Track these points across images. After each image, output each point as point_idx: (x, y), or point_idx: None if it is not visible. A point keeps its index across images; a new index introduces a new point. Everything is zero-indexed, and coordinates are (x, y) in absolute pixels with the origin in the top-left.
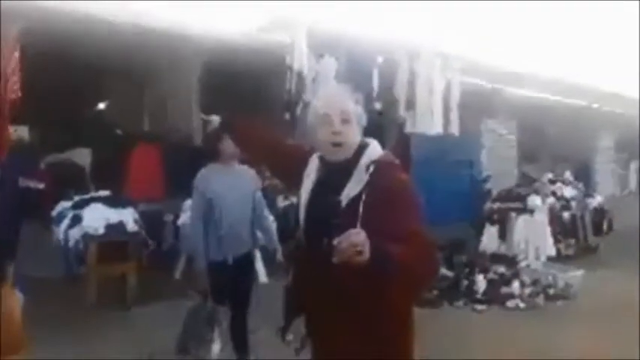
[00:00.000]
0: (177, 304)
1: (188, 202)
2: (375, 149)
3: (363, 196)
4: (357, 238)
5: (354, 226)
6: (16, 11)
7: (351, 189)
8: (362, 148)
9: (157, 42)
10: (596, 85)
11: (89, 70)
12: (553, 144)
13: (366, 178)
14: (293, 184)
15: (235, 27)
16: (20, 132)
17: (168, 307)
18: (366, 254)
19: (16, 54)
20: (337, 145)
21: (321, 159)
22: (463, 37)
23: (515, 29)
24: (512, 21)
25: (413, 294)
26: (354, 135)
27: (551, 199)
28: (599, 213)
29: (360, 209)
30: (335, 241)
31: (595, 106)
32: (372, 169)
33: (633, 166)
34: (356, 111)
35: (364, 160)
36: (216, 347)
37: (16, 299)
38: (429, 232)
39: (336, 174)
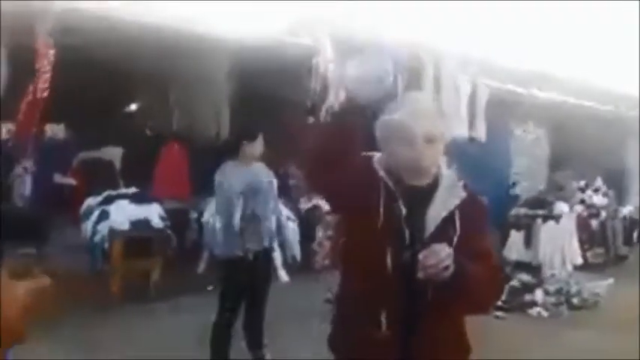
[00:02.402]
0: (199, 300)
1: (213, 200)
2: (447, 170)
3: (457, 212)
4: (444, 253)
5: (450, 243)
6: (50, 11)
7: (446, 203)
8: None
9: (186, 44)
10: (630, 91)
11: (121, 71)
12: (584, 151)
13: (462, 193)
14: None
15: (263, 29)
16: (56, 130)
17: (191, 302)
18: (451, 270)
19: (51, 52)
20: (420, 169)
21: (397, 182)
22: (492, 40)
23: (547, 32)
24: (544, 23)
25: (474, 314)
26: (439, 157)
27: (579, 207)
28: (630, 222)
29: (458, 225)
30: (420, 256)
31: (629, 113)
32: (462, 184)
33: None
34: (441, 129)
35: (447, 177)
36: None
37: (16, 288)
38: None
39: (418, 197)
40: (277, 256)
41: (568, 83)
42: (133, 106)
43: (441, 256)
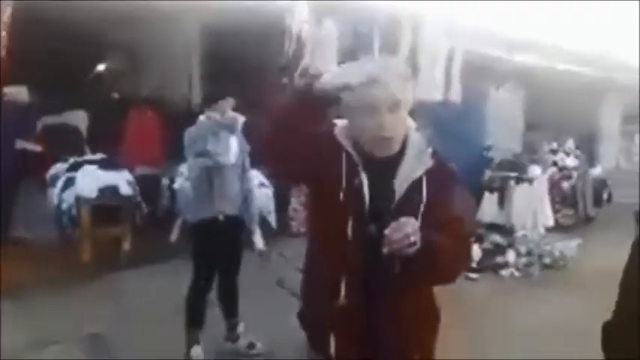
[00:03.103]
0: (172, 268)
1: (183, 166)
2: (418, 136)
3: (424, 180)
4: (410, 228)
5: (416, 213)
6: None
7: (411, 172)
8: (407, 135)
9: (155, 4)
10: (605, 54)
11: (88, 32)
12: (558, 112)
13: (429, 160)
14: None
15: None
16: (18, 93)
17: (163, 270)
18: (418, 244)
19: (8, 10)
20: (386, 139)
21: (358, 150)
22: (469, 3)
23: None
24: None
25: (440, 284)
26: (404, 123)
27: (551, 169)
28: (600, 184)
29: (424, 194)
30: (387, 231)
31: (603, 75)
32: (430, 151)
33: (637, 138)
34: (406, 95)
35: (414, 143)
36: None
37: None
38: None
39: (383, 166)
40: (251, 222)
41: (542, 46)
42: (100, 67)
43: (407, 230)
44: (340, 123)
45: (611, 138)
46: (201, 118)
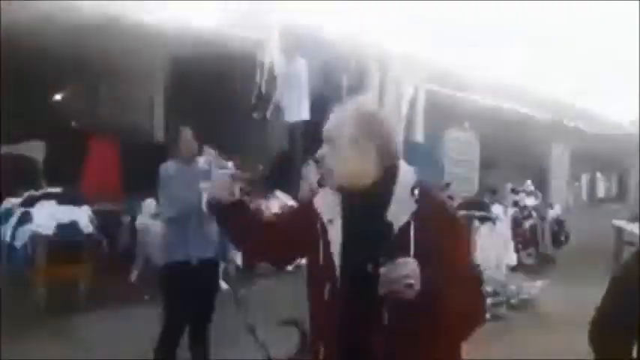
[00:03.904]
0: (131, 311)
1: (147, 202)
2: (407, 169)
3: (412, 224)
4: (408, 268)
5: (405, 256)
6: None
7: (399, 216)
8: (391, 172)
9: (119, 31)
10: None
11: (47, 60)
12: (513, 154)
13: (414, 204)
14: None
15: (204, 21)
16: None
17: (123, 313)
18: (416, 287)
19: None
20: (349, 173)
21: (341, 191)
22: (433, 44)
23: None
24: (483, 29)
25: (459, 338)
26: (369, 160)
27: (513, 209)
28: (557, 223)
29: (412, 238)
30: (382, 270)
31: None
32: (417, 193)
33: (584, 177)
34: (371, 129)
35: (403, 182)
36: None
37: None
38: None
39: (365, 205)
40: (227, 265)
41: (501, 89)
42: (58, 97)
43: (403, 271)
44: (320, 192)
45: (560, 179)
46: (171, 163)
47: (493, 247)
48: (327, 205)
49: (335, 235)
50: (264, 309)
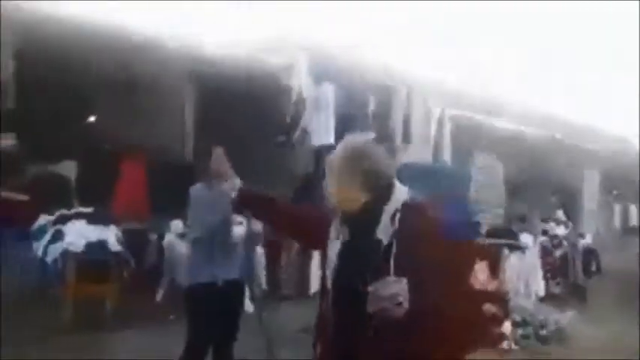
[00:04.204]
0: (156, 331)
1: (174, 222)
2: (399, 195)
3: (394, 246)
4: (395, 287)
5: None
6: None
7: (380, 237)
8: (386, 193)
9: (152, 56)
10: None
11: (81, 81)
12: (544, 182)
13: (391, 226)
14: (318, 248)
15: (235, 45)
16: (6, 140)
17: (148, 331)
18: (404, 306)
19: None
20: (340, 200)
21: (339, 213)
22: (461, 69)
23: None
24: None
25: (461, 352)
26: (339, 188)
27: (542, 238)
28: (589, 253)
29: (392, 260)
30: (370, 288)
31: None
32: (398, 216)
33: (618, 206)
34: (355, 163)
35: (390, 207)
36: None
37: None
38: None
39: (358, 224)
40: (252, 288)
41: (530, 114)
42: (92, 119)
43: (391, 290)
44: None
45: (591, 207)
46: (200, 185)
47: (522, 276)
48: (334, 226)
49: (332, 252)
50: (286, 330)
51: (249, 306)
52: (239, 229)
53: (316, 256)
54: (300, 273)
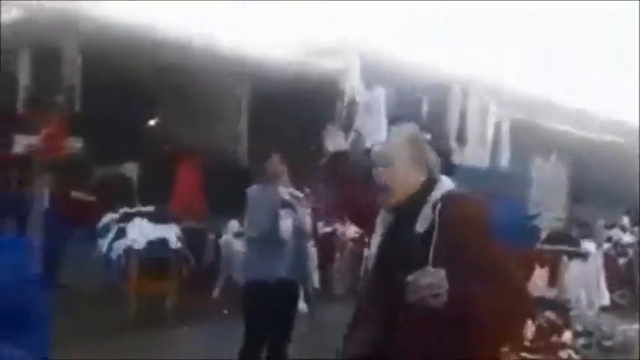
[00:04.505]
0: (215, 325)
1: (231, 222)
2: (444, 186)
3: (434, 235)
4: (434, 277)
5: (425, 261)
6: (77, 27)
7: (420, 226)
8: (430, 184)
9: (210, 62)
10: None
11: (142, 86)
12: (607, 187)
13: (432, 215)
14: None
15: (289, 50)
16: (74, 143)
17: (206, 327)
18: (443, 297)
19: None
20: (382, 188)
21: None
22: (517, 70)
23: (573, 65)
24: (574, 57)
25: (496, 345)
26: (402, 178)
27: (606, 245)
28: None
29: (431, 248)
30: (409, 278)
31: None
32: (439, 206)
33: None
34: (399, 155)
35: (432, 197)
36: None
37: None
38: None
39: (403, 214)
40: (305, 288)
41: (591, 118)
42: (152, 122)
43: (430, 280)
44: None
45: None
46: (256, 187)
47: (583, 285)
48: (380, 215)
49: (374, 240)
50: (338, 330)
51: (302, 306)
52: (294, 230)
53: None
54: (352, 273)
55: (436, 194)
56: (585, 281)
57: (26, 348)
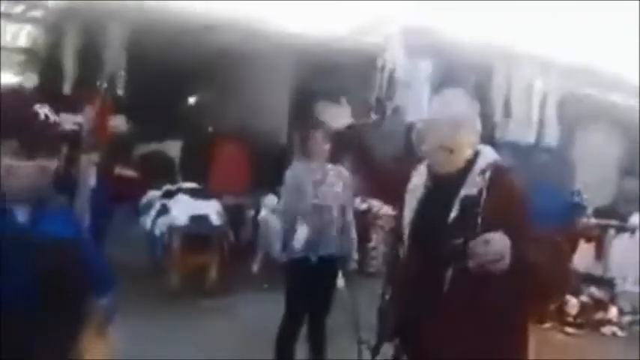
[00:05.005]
0: (254, 299)
1: (269, 198)
2: (489, 154)
3: (482, 200)
4: (499, 244)
5: (474, 230)
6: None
7: (467, 191)
8: (475, 155)
9: (251, 40)
10: None
11: (185, 66)
12: None
13: (481, 181)
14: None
15: (331, 27)
16: (118, 122)
17: (247, 301)
18: (505, 264)
19: (122, 52)
20: (447, 149)
21: (430, 170)
22: (565, 41)
23: (619, 33)
24: (618, 25)
25: (543, 307)
26: (466, 141)
27: None
28: None
29: (480, 212)
30: (471, 244)
31: None
32: (488, 173)
33: None
34: (468, 116)
35: (477, 167)
36: None
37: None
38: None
39: (448, 183)
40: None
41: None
42: (192, 100)
43: (495, 246)
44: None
45: None
46: (296, 164)
47: (631, 261)
48: (416, 180)
49: (409, 205)
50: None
51: (340, 282)
52: (337, 207)
53: None
54: (389, 251)
55: (481, 163)
56: (633, 257)
57: None
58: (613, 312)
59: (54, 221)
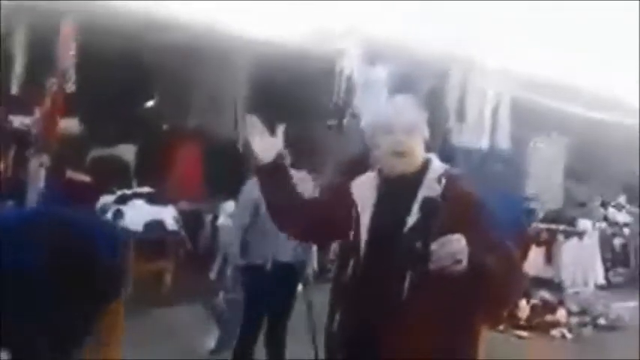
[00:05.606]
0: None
1: (227, 204)
2: (439, 164)
3: (439, 207)
4: (457, 245)
5: (434, 233)
6: (71, 8)
7: (426, 193)
8: (426, 163)
9: (208, 43)
10: None
11: (139, 67)
12: (605, 166)
13: (438, 188)
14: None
15: (288, 31)
16: (70, 124)
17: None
18: (464, 263)
19: (73, 50)
20: (400, 154)
21: (381, 175)
22: (518, 50)
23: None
24: (572, 35)
25: (497, 312)
26: (419, 147)
27: (602, 224)
28: None
29: (441, 215)
30: (433, 246)
31: None
32: (444, 181)
33: None
34: (418, 123)
35: (432, 173)
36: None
37: None
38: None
39: (403, 186)
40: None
41: (590, 96)
42: (149, 103)
43: (454, 246)
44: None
45: None
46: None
47: (579, 264)
48: (364, 188)
49: (366, 214)
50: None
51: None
52: None
53: None
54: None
55: (435, 168)
56: (581, 260)
57: None
58: (562, 314)
59: None
